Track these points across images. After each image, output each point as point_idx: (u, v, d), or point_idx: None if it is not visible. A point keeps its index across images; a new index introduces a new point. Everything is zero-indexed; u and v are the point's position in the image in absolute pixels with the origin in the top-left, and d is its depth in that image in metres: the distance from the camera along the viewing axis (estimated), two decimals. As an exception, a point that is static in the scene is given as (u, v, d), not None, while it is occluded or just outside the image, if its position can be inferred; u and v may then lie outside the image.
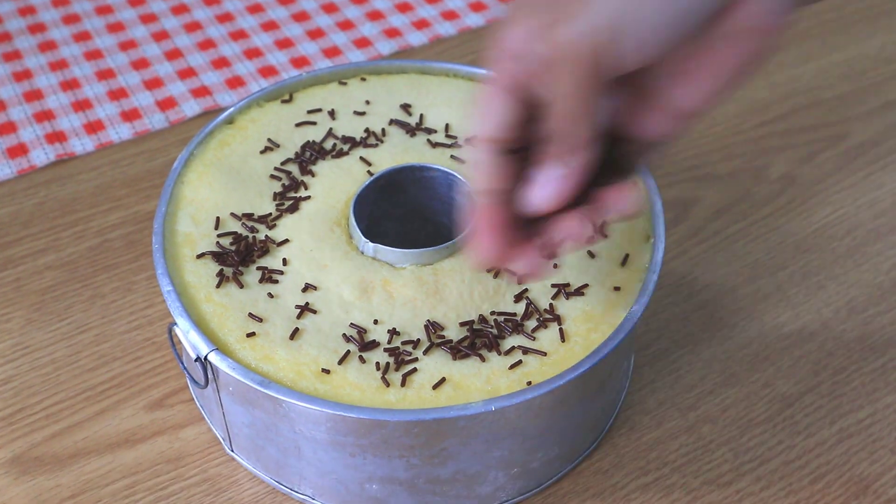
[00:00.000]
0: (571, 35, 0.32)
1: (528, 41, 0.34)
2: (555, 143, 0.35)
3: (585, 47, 0.32)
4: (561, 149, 0.35)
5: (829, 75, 0.70)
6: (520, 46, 0.34)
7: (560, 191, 0.36)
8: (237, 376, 0.40)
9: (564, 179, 0.36)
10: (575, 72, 0.33)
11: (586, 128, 0.35)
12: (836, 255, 0.57)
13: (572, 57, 0.33)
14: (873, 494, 0.47)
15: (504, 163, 0.36)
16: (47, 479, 0.46)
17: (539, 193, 0.36)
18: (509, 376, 0.41)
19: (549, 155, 0.36)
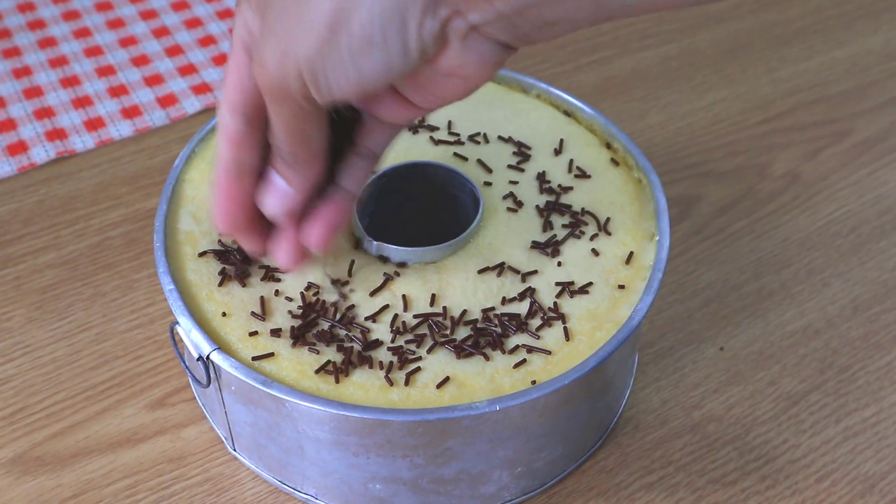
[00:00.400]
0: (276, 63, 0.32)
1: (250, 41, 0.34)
2: (277, 158, 0.36)
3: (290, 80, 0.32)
4: (283, 166, 0.36)
5: (833, 71, 0.69)
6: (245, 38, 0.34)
7: (281, 206, 0.37)
8: (239, 375, 0.40)
9: (285, 196, 0.36)
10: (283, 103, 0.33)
11: (301, 158, 0.35)
12: (841, 253, 0.57)
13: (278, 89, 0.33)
14: (879, 493, 0.47)
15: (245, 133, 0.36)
16: (48, 479, 0.46)
17: (269, 202, 0.37)
18: (513, 375, 0.41)
19: (275, 164, 0.36)
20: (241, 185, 0.37)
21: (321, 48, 0.31)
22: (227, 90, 0.35)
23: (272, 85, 0.33)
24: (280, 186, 0.36)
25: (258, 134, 0.36)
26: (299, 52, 0.31)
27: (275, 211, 0.37)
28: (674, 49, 0.71)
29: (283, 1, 0.32)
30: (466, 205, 0.48)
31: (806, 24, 0.74)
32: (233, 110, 0.35)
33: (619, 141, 0.50)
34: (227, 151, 0.36)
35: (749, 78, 0.69)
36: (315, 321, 0.42)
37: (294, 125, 0.34)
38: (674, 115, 0.66)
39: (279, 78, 0.32)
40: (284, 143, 0.35)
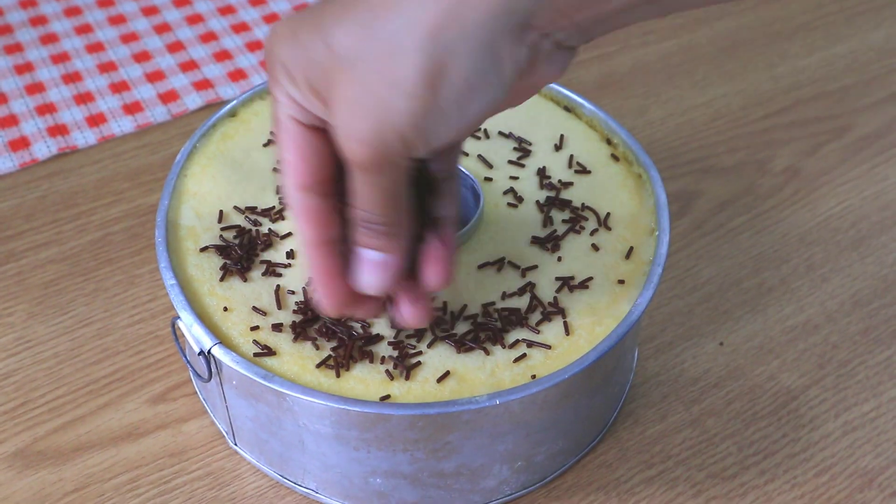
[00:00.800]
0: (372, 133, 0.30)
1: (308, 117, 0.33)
2: (368, 232, 0.34)
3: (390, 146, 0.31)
4: (374, 239, 0.34)
5: (834, 67, 0.70)
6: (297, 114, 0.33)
7: (383, 278, 0.35)
8: (240, 370, 0.40)
9: (385, 267, 0.35)
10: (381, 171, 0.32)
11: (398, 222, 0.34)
12: (841, 248, 0.57)
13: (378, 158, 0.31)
14: (878, 487, 0.47)
15: (321, 205, 0.34)
16: (50, 473, 0.46)
17: (362, 278, 0.35)
18: (513, 370, 0.41)
19: (363, 240, 0.34)
20: (338, 261, 0.36)
21: (424, 106, 0.30)
22: (291, 170, 0.34)
23: (370, 156, 0.31)
24: (375, 259, 0.35)
25: (335, 205, 0.35)
26: (399, 117, 0.30)
27: (380, 285, 0.35)
28: (674, 45, 0.71)
29: (359, 70, 0.30)
30: (467, 200, 0.48)
31: (806, 20, 0.74)
32: (305, 188, 0.34)
33: (620, 136, 0.50)
34: (314, 232, 0.35)
35: (749, 74, 0.69)
36: (316, 316, 0.42)
37: (392, 190, 0.33)
38: (674, 111, 0.66)
39: (379, 147, 0.31)
40: (379, 212, 0.33)
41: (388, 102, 0.30)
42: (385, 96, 0.30)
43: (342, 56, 0.30)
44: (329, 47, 0.31)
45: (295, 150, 0.34)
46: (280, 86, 0.33)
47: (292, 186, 0.34)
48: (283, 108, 0.33)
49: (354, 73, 0.30)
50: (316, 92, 0.32)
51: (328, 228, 0.35)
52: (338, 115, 0.31)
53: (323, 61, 0.31)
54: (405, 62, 0.29)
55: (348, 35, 0.30)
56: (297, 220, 0.35)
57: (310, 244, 0.35)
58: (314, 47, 0.31)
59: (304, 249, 0.36)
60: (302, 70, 0.32)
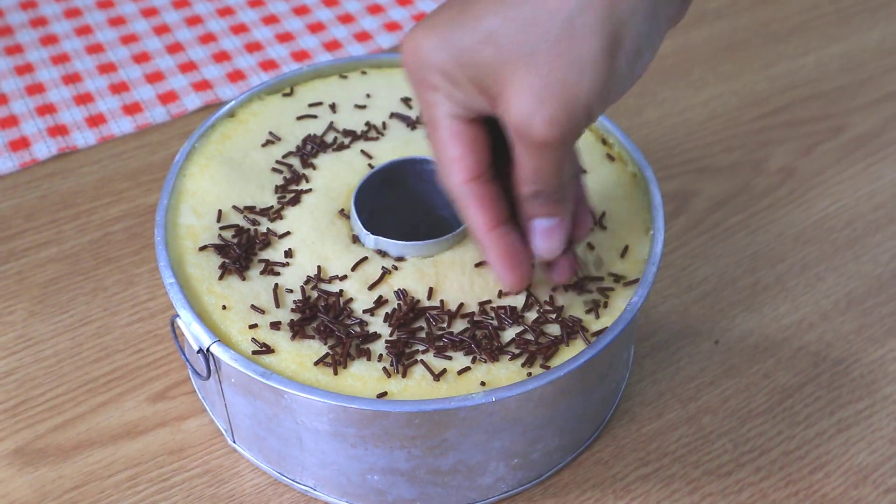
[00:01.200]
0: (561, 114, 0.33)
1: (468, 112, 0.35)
2: (542, 203, 0.36)
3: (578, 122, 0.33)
4: (549, 207, 0.37)
5: (829, 67, 0.70)
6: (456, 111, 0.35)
7: (561, 239, 0.38)
8: (239, 367, 0.40)
9: (560, 229, 0.38)
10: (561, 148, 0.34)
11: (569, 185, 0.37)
12: (836, 247, 0.58)
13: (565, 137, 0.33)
14: (872, 484, 0.47)
15: (491, 190, 0.37)
16: (50, 471, 0.47)
17: (544, 245, 0.38)
18: (509, 367, 0.41)
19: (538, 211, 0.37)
20: (514, 236, 0.38)
21: (607, 78, 0.32)
22: (459, 165, 0.36)
23: (559, 135, 0.33)
24: (549, 226, 0.38)
25: (500, 187, 0.37)
26: (586, 93, 0.32)
27: (557, 248, 0.38)
28: (670, 45, 0.71)
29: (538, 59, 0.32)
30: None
31: (802, 20, 0.74)
32: (475, 179, 0.36)
33: (615, 136, 0.50)
34: (490, 216, 0.37)
35: (745, 74, 0.69)
36: (314, 314, 0.43)
37: (565, 160, 0.35)
38: (670, 112, 0.66)
39: (568, 124, 0.33)
40: (555, 182, 0.36)
41: (575, 83, 0.32)
42: (571, 78, 0.32)
43: (513, 51, 0.32)
44: (496, 46, 0.32)
45: (461, 145, 0.35)
46: (437, 90, 0.35)
47: (462, 181, 0.36)
48: (442, 109, 0.35)
49: (533, 64, 0.32)
50: (483, 89, 0.34)
51: (501, 210, 0.37)
52: (519, 105, 0.33)
53: (490, 61, 0.33)
54: (586, 43, 0.32)
55: (515, 30, 0.32)
56: (471, 211, 0.37)
57: (487, 229, 0.37)
58: (477, 49, 0.33)
59: (479, 237, 0.38)
60: (465, 72, 0.33)
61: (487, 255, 0.38)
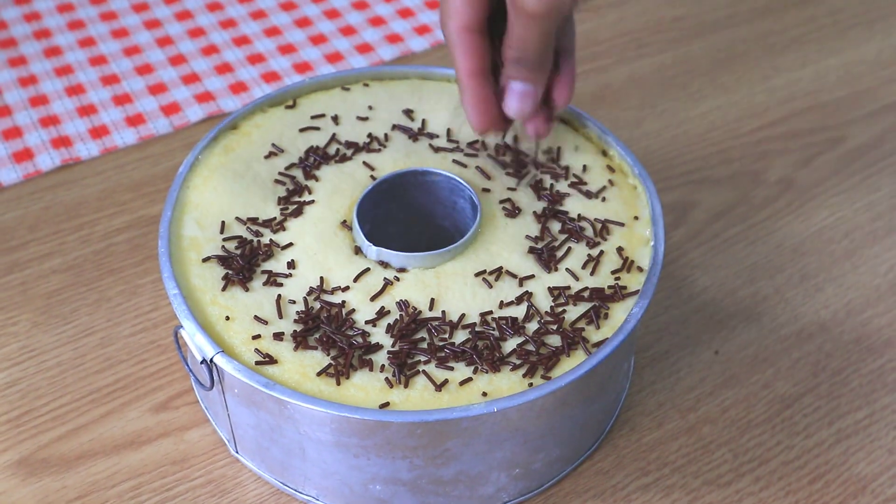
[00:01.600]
0: None
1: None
2: (521, 68, 0.40)
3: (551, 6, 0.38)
4: (526, 73, 0.41)
5: (827, 80, 0.70)
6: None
7: (531, 104, 0.42)
8: (242, 378, 0.41)
9: (532, 95, 0.42)
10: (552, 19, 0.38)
11: (547, 59, 0.41)
12: (834, 258, 0.58)
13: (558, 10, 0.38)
14: (871, 494, 0.47)
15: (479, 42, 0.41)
16: (54, 481, 0.47)
17: (514, 105, 0.42)
18: (511, 378, 0.42)
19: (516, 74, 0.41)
20: (488, 87, 0.42)
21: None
22: (457, 13, 0.40)
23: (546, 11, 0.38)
24: (524, 89, 0.42)
25: (489, 42, 0.42)
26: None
27: (527, 110, 0.43)
28: (669, 58, 0.72)
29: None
30: (465, 211, 0.49)
31: (800, 33, 0.75)
32: (469, 29, 0.41)
33: (615, 148, 0.51)
34: (471, 62, 0.41)
35: (744, 86, 0.70)
36: (317, 325, 0.43)
37: (551, 33, 0.39)
38: (669, 123, 0.67)
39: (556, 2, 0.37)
40: (536, 52, 0.40)
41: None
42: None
43: None
44: None
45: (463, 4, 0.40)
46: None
47: (457, 28, 0.41)
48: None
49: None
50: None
51: (484, 60, 0.42)
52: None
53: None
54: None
55: None
56: (459, 56, 0.41)
57: (468, 74, 0.42)
58: None
59: (461, 79, 0.42)
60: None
61: (463, 97, 0.43)
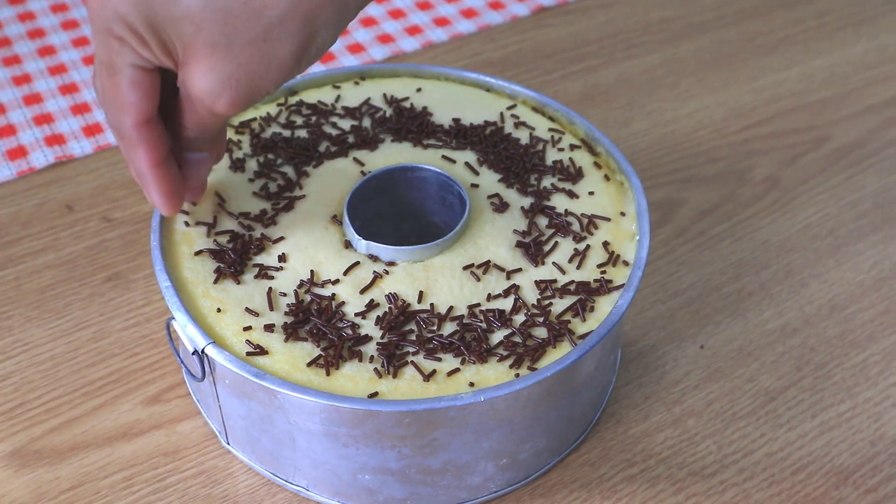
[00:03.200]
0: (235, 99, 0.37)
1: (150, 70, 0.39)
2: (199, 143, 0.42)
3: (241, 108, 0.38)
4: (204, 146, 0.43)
5: (813, 80, 0.71)
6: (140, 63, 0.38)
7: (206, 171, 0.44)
8: (233, 368, 0.41)
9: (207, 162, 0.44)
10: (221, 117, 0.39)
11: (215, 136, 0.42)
12: (819, 255, 0.59)
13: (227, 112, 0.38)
14: (853, 485, 0.48)
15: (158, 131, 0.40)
16: (47, 472, 0.47)
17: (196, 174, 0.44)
18: (497, 368, 0.42)
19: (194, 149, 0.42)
20: (173, 169, 0.42)
21: (292, 72, 0.37)
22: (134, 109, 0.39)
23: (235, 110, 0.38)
24: (202, 159, 0.43)
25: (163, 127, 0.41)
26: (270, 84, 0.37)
27: (204, 177, 0.45)
28: (658, 58, 0.73)
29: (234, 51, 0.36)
30: (454, 206, 0.50)
31: (787, 34, 0.76)
32: (145, 122, 0.39)
33: (603, 145, 0.52)
34: (154, 153, 0.41)
35: (731, 86, 0.71)
36: (307, 318, 0.44)
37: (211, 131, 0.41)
38: (657, 122, 0.67)
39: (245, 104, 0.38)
40: (209, 133, 0.41)
41: (263, 76, 0.37)
42: (260, 72, 0.37)
43: (211, 37, 0.36)
44: (196, 27, 0.35)
45: (139, 92, 0.38)
46: (123, 42, 0.37)
47: (134, 124, 0.39)
48: (125, 59, 0.38)
49: (228, 53, 0.36)
50: (170, 53, 0.37)
51: (165, 146, 0.41)
52: (206, 81, 0.37)
53: (187, 37, 0.36)
54: (280, 48, 0.36)
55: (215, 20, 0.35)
56: (142, 151, 0.40)
57: (152, 165, 0.41)
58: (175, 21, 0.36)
59: (145, 173, 0.41)
60: (155, 35, 0.36)
61: (150, 189, 0.42)
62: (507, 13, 0.76)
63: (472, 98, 0.55)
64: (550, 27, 0.75)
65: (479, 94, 0.55)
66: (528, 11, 0.77)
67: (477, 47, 0.73)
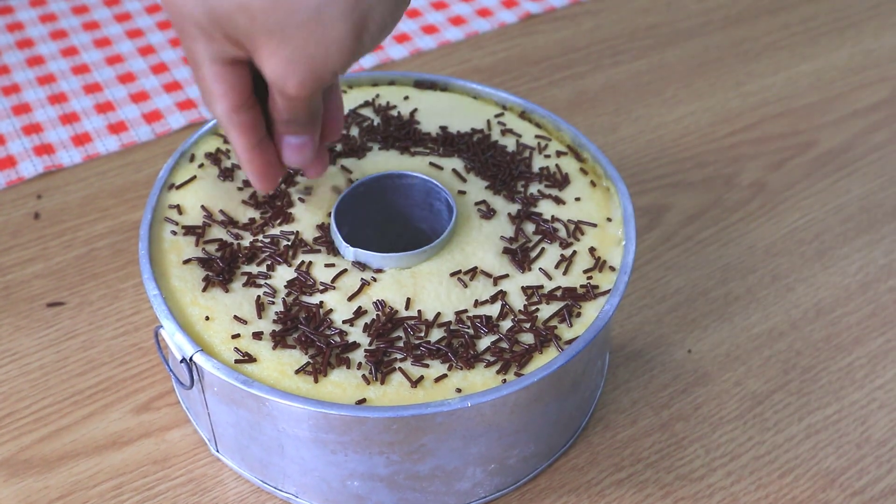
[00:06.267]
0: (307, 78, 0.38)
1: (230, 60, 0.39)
2: (293, 126, 0.42)
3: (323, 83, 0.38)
4: (299, 129, 0.42)
5: (799, 85, 0.72)
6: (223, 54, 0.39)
7: (309, 153, 0.44)
8: (222, 376, 0.41)
9: (309, 144, 0.43)
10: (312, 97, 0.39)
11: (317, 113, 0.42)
12: (805, 259, 0.59)
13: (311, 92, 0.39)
14: (839, 488, 0.48)
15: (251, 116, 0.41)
16: (36, 481, 0.47)
17: (294, 158, 0.44)
18: (485, 374, 0.42)
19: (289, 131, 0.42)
20: (269, 151, 0.43)
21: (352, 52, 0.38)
22: (223, 98, 0.40)
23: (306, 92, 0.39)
24: (299, 143, 0.43)
25: (259, 111, 0.42)
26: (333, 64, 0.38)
27: (306, 159, 0.44)
28: (644, 64, 0.73)
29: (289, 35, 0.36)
30: (442, 213, 0.50)
31: (773, 39, 0.76)
32: (237, 110, 0.41)
33: (589, 151, 0.52)
34: (248, 137, 0.42)
35: (717, 92, 0.71)
36: (295, 325, 0.44)
37: (316, 102, 0.41)
38: (644, 128, 0.68)
39: (314, 85, 0.38)
40: (303, 116, 0.41)
41: (322, 57, 0.37)
42: (319, 54, 0.37)
43: (265, 24, 0.36)
44: (250, 16, 0.36)
45: (223, 83, 0.40)
46: (196, 39, 0.39)
47: (226, 111, 0.41)
48: (203, 54, 0.39)
49: (283, 37, 0.37)
50: (239, 44, 0.38)
51: (259, 130, 0.42)
52: (272, 66, 0.38)
53: (245, 27, 0.37)
54: (333, 29, 0.36)
55: (267, 7, 0.36)
56: (235, 135, 0.42)
57: (248, 148, 0.42)
58: (231, 14, 0.37)
59: (241, 155, 0.43)
60: (220, 30, 0.37)
61: (246, 169, 0.43)
62: (494, 20, 0.77)
63: (460, 105, 0.55)
64: (538, 34, 0.76)
65: (467, 101, 0.55)
66: (515, 18, 0.77)
67: (465, 54, 0.74)
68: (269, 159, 0.43)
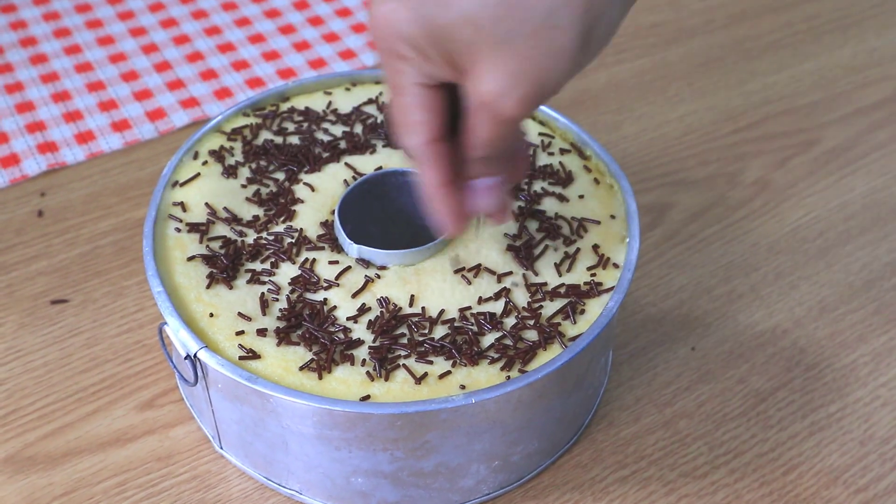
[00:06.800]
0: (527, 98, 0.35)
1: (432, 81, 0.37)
2: (488, 165, 0.39)
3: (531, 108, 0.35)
4: (494, 169, 0.39)
5: (802, 83, 0.72)
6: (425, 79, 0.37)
7: (500, 196, 0.41)
8: (226, 372, 0.41)
9: (500, 187, 0.40)
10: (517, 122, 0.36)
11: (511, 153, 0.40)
12: (808, 257, 0.59)
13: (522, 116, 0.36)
14: (843, 485, 0.48)
15: (445, 150, 0.39)
16: (40, 478, 0.47)
17: (486, 202, 0.41)
18: (488, 371, 0.42)
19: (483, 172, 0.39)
20: (458, 193, 0.40)
21: (578, 64, 0.35)
22: (422, 128, 0.38)
23: (524, 111, 0.35)
24: (492, 184, 0.40)
25: (451, 147, 0.39)
26: (558, 77, 0.35)
27: (499, 202, 0.41)
28: (648, 63, 0.73)
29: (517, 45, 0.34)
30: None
31: (776, 38, 0.76)
32: (433, 141, 0.38)
33: (593, 149, 0.52)
34: (441, 173, 0.39)
35: (720, 90, 0.71)
36: (299, 322, 0.44)
37: (520, 132, 0.39)
38: (647, 127, 0.68)
39: (535, 103, 0.35)
40: (502, 150, 0.38)
41: (550, 69, 0.34)
42: (547, 65, 0.34)
43: (492, 35, 0.34)
44: (475, 27, 0.34)
45: (425, 110, 0.37)
46: (406, 60, 0.36)
47: (423, 142, 0.38)
48: (409, 77, 0.37)
49: (511, 48, 0.34)
50: (452, 63, 0.35)
51: (451, 168, 0.39)
52: (492, 83, 0.34)
53: (468, 40, 0.34)
54: (564, 35, 0.33)
55: (495, 16, 0.33)
56: (429, 169, 0.39)
57: (439, 186, 0.40)
58: (454, 27, 0.34)
59: (431, 191, 0.40)
60: (438, 47, 0.35)
61: (435, 208, 0.41)
62: (497, 19, 0.77)
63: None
64: (541, 32, 0.76)
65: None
66: (518, 17, 0.77)
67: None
68: (459, 200, 0.40)
